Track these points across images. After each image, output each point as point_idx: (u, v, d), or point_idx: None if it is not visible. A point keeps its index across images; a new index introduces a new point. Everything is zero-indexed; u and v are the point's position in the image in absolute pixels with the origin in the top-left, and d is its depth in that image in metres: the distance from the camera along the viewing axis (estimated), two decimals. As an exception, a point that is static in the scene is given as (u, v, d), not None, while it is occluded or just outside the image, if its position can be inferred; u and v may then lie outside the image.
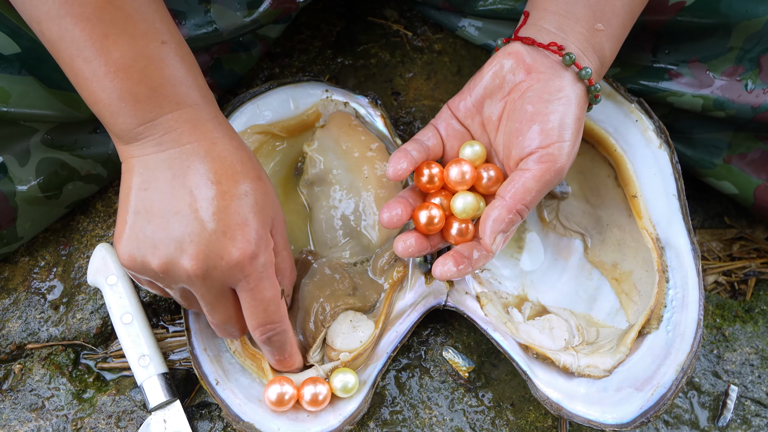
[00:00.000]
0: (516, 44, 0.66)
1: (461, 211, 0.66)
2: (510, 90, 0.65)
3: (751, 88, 0.72)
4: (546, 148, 0.62)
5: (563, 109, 0.63)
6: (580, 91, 0.64)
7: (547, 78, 0.64)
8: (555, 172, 0.62)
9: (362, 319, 0.72)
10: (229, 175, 0.59)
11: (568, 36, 0.65)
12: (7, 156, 0.70)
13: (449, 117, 0.69)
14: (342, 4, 0.91)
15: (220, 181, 0.59)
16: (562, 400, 0.68)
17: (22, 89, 0.67)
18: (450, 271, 0.64)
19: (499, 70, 0.66)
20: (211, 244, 0.57)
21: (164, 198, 0.58)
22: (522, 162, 0.63)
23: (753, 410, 0.76)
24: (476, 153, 0.67)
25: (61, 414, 0.73)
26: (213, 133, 0.60)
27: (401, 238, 0.67)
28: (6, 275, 0.78)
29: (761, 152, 0.77)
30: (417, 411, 0.74)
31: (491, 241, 0.62)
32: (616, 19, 0.65)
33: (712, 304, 0.82)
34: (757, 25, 0.69)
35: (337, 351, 0.70)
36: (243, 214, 0.59)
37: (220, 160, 0.59)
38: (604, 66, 0.67)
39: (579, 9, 0.65)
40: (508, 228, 0.62)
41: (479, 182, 0.67)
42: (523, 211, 0.62)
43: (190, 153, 0.58)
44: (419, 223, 0.66)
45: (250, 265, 0.59)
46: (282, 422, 0.67)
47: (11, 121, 0.69)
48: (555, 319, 0.74)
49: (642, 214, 0.72)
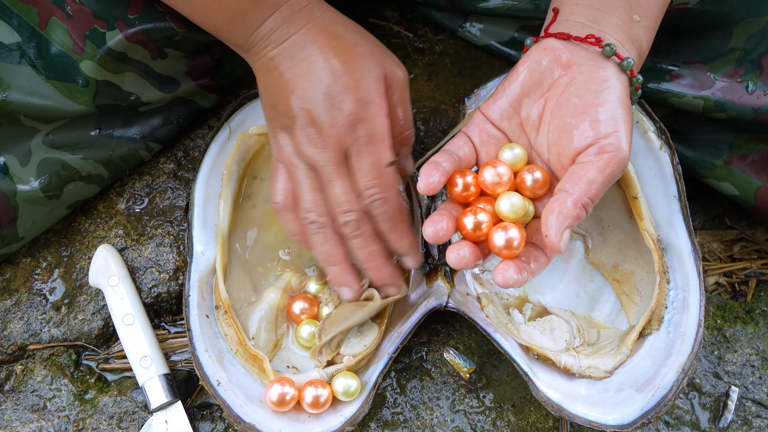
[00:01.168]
0: (549, 40, 0.63)
1: (509, 212, 0.60)
2: (550, 86, 0.62)
3: (751, 90, 0.72)
4: (605, 138, 0.58)
5: (614, 99, 0.60)
6: (624, 82, 0.62)
7: (589, 70, 0.61)
8: (618, 163, 0.59)
9: (367, 323, 0.72)
10: (341, 45, 0.64)
11: (605, 28, 0.62)
12: (8, 156, 0.70)
13: (483, 122, 0.65)
14: (343, 5, 0.91)
15: (332, 56, 0.63)
16: (563, 401, 0.68)
17: (21, 79, 0.67)
18: (512, 278, 0.58)
19: (536, 66, 0.63)
20: (327, 110, 0.62)
21: (302, 70, 0.63)
22: (580, 156, 0.59)
23: (754, 411, 0.76)
24: (517, 156, 0.62)
25: (62, 415, 0.73)
26: (315, 12, 0.65)
27: (454, 248, 0.61)
28: (8, 276, 0.79)
29: (762, 153, 0.76)
30: (418, 412, 0.74)
31: (558, 237, 0.57)
32: (652, 11, 0.64)
33: (712, 305, 0.82)
34: (758, 24, 0.69)
35: (341, 354, 0.70)
36: (352, 80, 0.63)
37: (330, 35, 0.64)
38: (642, 58, 0.65)
39: (614, 1, 0.63)
40: (574, 223, 0.58)
41: (524, 185, 0.62)
42: (588, 206, 0.58)
43: (305, 36, 0.64)
44: (466, 230, 0.61)
45: (354, 130, 0.62)
46: (283, 423, 0.67)
47: (12, 120, 0.69)
48: (556, 320, 0.74)
49: (643, 215, 0.72)
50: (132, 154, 0.78)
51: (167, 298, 0.77)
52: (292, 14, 0.64)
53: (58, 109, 0.70)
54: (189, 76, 0.77)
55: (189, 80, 0.78)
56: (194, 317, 0.70)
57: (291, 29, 0.64)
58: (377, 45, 0.67)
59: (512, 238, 0.59)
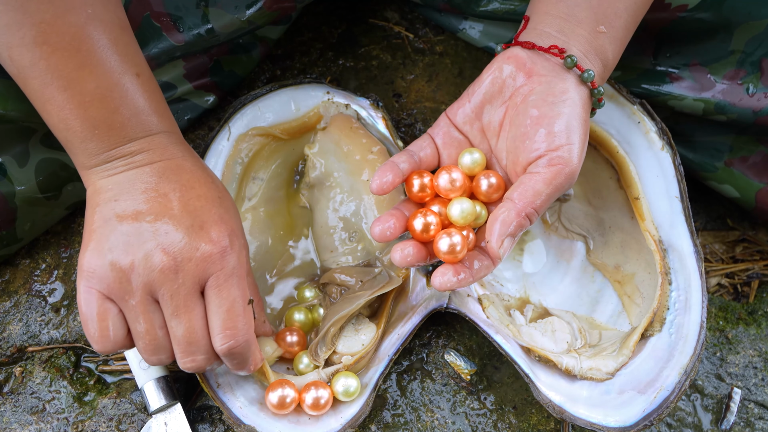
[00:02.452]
0: (515, 49, 0.65)
1: (459, 217, 0.62)
2: (511, 95, 0.64)
3: (752, 92, 0.72)
4: (555, 151, 0.60)
5: (569, 111, 0.61)
6: (584, 94, 0.63)
7: (549, 80, 0.63)
8: (566, 176, 0.60)
9: (364, 322, 0.72)
10: (202, 182, 0.61)
11: (570, 39, 0.64)
12: (6, 157, 0.70)
13: (447, 125, 0.67)
14: (343, 6, 0.91)
15: (194, 186, 0.60)
16: (564, 402, 0.67)
17: (20, 92, 0.67)
18: (450, 281, 0.61)
19: (498, 74, 0.64)
20: (188, 236, 0.58)
21: (137, 203, 0.58)
22: (531, 166, 0.61)
23: (756, 413, 0.76)
24: (475, 161, 0.65)
25: (61, 417, 0.73)
26: (182, 154, 0.62)
27: (399, 246, 0.63)
28: (7, 278, 0.78)
29: (763, 155, 0.76)
30: (419, 414, 0.74)
31: (498, 244, 0.59)
32: (619, 21, 0.65)
33: (715, 307, 0.81)
34: (759, 27, 0.69)
35: (339, 354, 0.70)
36: (219, 214, 0.60)
37: (191, 172, 0.61)
38: (607, 69, 0.66)
39: (581, 11, 0.64)
40: (516, 232, 0.60)
41: (479, 189, 0.64)
42: (532, 215, 0.60)
43: (161, 168, 0.60)
44: (415, 231, 0.63)
45: (222, 259, 0.59)
46: (283, 425, 0.67)
47: (10, 122, 0.69)
48: (557, 322, 0.74)
49: (644, 216, 0.72)
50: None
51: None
52: (166, 144, 0.61)
53: None
54: (187, 79, 0.78)
55: (187, 83, 0.78)
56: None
57: (162, 157, 0.61)
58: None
59: (455, 244, 0.61)
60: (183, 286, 0.58)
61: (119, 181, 0.59)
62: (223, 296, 0.59)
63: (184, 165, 0.61)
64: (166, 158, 0.61)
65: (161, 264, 0.57)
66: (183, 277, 0.58)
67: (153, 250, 0.57)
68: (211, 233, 0.59)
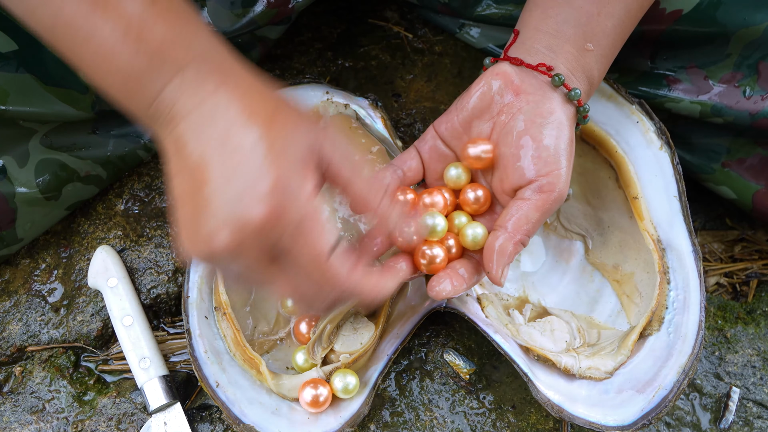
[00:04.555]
0: (504, 65, 0.65)
1: (471, 242, 0.64)
2: (499, 111, 0.64)
3: (749, 95, 0.72)
4: (545, 177, 0.61)
5: (557, 134, 0.62)
6: (570, 113, 0.64)
7: (537, 100, 0.63)
8: (554, 201, 0.62)
9: (363, 321, 0.72)
10: (261, 108, 0.51)
11: (558, 56, 0.64)
12: (6, 157, 0.70)
13: (434, 138, 0.67)
14: (342, 6, 0.91)
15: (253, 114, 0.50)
16: (563, 402, 0.68)
17: (20, 87, 0.67)
18: (445, 290, 0.62)
19: (487, 91, 0.65)
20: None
21: (212, 151, 0.49)
22: (520, 191, 0.62)
23: (755, 412, 0.76)
24: (460, 175, 0.66)
25: (61, 416, 0.73)
26: (226, 73, 0.52)
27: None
28: (7, 277, 0.78)
29: (760, 158, 0.76)
30: (418, 413, 0.74)
31: (499, 274, 0.61)
32: (606, 40, 0.65)
33: (713, 306, 0.81)
34: (755, 32, 0.69)
35: (337, 353, 0.70)
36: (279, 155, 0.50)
37: (250, 106, 0.51)
38: (593, 87, 0.67)
39: (569, 29, 0.64)
40: (512, 259, 0.62)
41: (467, 202, 0.66)
42: (525, 240, 0.62)
43: (215, 105, 0.50)
44: (420, 264, 0.63)
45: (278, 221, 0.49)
46: (283, 424, 0.67)
47: (10, 122, 0.69)
48: (556, 321, 0.74)
49: (643, 215, 0.72)
50: (130, 155, 0.78)
51: (166, 300, 0.77)
52: (199, 77, 0.50)
53: (57, 114, 0.70)
54: None
55: None
56: (193, 318, 0.70)
57: (198, 95, 0.50)
58: (300, 113, 0.54)
59: (435, 256, 0.63)
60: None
61: (182, 138, 0.51)
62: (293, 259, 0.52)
63: (234, 92, 0.51)
64: (217, 88, 0.50)
65: (261, 219, 0.48)
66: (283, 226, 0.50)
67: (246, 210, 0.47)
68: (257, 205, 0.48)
